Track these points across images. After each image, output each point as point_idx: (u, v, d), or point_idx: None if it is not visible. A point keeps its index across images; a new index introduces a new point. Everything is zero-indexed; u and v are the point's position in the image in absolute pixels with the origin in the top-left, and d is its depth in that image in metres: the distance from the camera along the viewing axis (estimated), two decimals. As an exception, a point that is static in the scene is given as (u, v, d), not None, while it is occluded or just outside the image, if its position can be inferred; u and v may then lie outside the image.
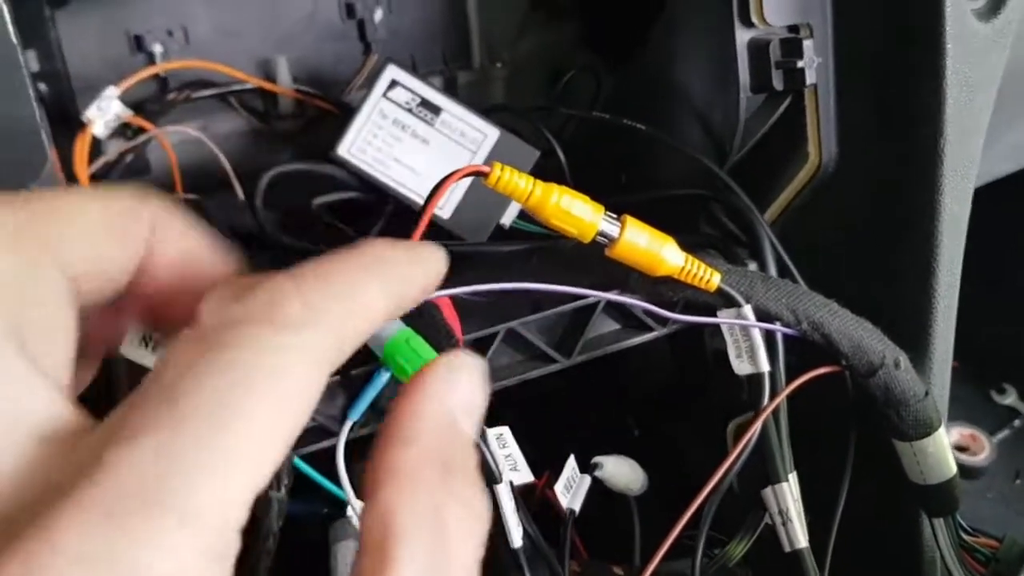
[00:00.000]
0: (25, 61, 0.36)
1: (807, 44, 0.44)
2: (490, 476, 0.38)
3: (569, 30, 0.72)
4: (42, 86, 0.56)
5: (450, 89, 0.71)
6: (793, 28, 0.46)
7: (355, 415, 0.37)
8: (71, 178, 0.54)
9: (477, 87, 0.73)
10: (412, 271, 0.28)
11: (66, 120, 0.59)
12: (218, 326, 0.22)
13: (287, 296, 0.23)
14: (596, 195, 0.48)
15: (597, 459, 0.49)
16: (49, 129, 0.36)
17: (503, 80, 0.73)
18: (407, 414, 0.25)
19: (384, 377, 0.38)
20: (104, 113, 0.55)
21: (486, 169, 0.39)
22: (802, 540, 0.43)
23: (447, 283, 0.46)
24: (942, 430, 0.43)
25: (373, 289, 0.25)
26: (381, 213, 0.58)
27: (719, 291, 0.40)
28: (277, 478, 0.35)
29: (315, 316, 0.23)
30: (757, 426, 0.41)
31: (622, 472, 0.49)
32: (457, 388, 0.26)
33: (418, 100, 0.57)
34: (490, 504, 0.38)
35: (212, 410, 0.20)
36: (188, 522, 0.19)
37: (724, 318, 0.41)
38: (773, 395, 0.42)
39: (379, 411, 0.42)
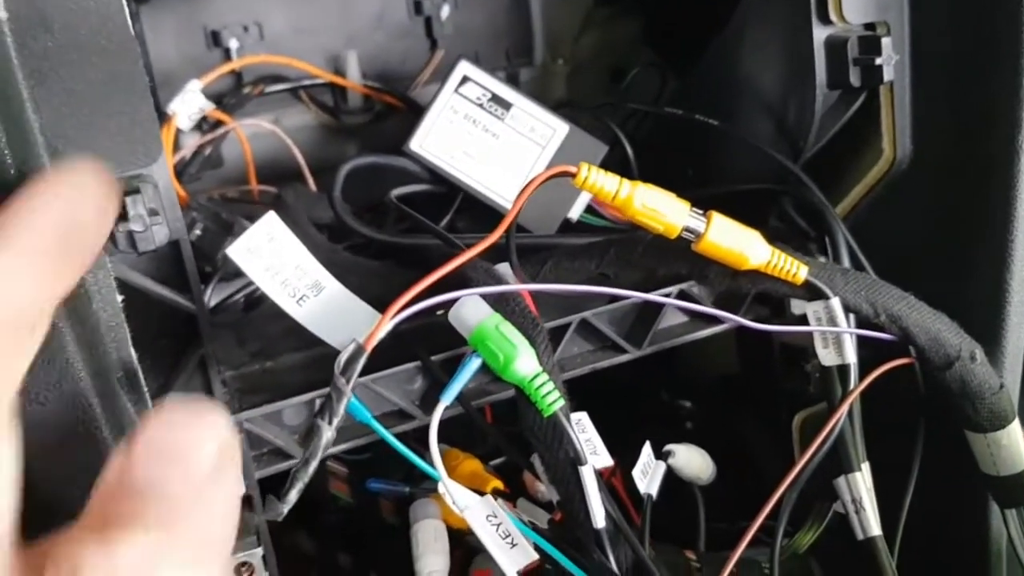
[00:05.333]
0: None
1: (885, 42, 0.45)
2: (576, 458, 0.39)
3: (630, 27, 0.73)
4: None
5: (511, 84, 0.73)
6: (869, 26, 0.47)
7: (448, 399, 0.39)
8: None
9: (539, 83, 0.74)
10: None
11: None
12: None
13: None
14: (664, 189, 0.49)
15: (669, 447, 0.50)
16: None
17: (564, 76, 0.74)
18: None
19: (475, 362, 0.39)
20: (188, 106, 0.57)
21: (573, 170, 0.40)
22: (875, 528, 0.44)
23: (533, 276, 0.48)
24: (1016, 422, 0.44)
25: None
26: (451, 205, 0.60)
27: (806, 284, 0.41)
28: (329, 412, 0.35)
29: None
30: (841, 415, 0.42)
31: (693, 461, 0.50)
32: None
33: (489, 95, 0.59)
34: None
35: None
36: None
37: (812, 310, 0.42)
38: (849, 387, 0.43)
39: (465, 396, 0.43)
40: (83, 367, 0.32)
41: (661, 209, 0.41)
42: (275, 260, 0.37)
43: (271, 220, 0.36)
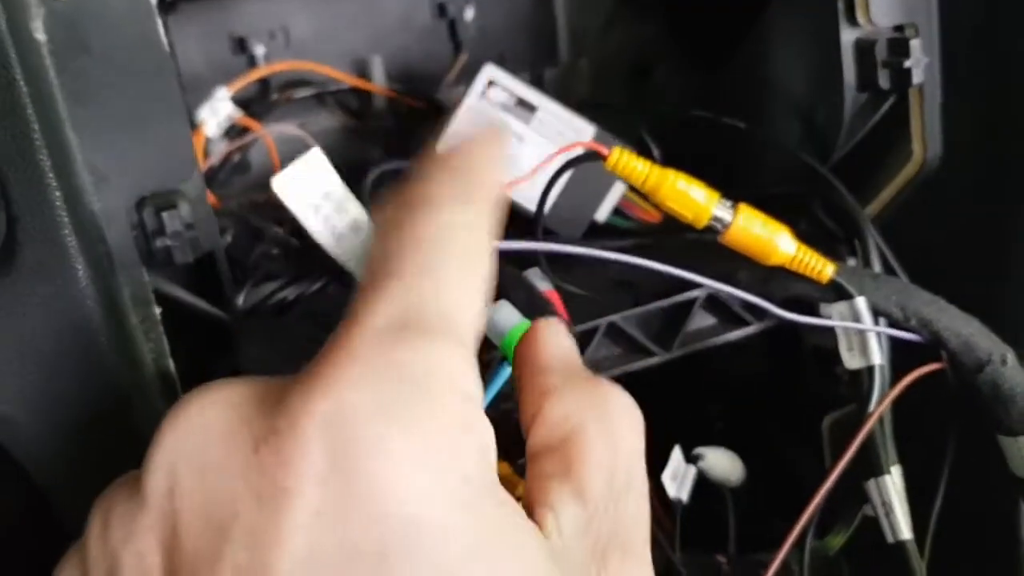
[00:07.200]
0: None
1: (914, 44, 0.45)
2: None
3: (655, 26, 0.73)
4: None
5: (536, 85, 0.73)
6: (899, 27, 0.47)
7: (483, 405, 0.39)
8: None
9: (562, 82, 0.74)
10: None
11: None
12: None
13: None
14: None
15: (699, 450, 0.50)
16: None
17: (588, 74, 0.74)
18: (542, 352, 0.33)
19: (507, 370, 0.40)
20: (216, 114, 0.57)
21: (605, 151, 0.40)
22: (906, 532, 0.44)
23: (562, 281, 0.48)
24: (1048, 425, 0.43)
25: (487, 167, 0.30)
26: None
27: (832, 283, 0.41)
28: None
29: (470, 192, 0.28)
30: (873, 420, 0.42)
31: (723, 464, 0.51)
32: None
33: (515, 99, 0.59)
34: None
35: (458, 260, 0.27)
36: (460, 343, 0.26)
37: (836, 310, 0.42)
38: (882, 390, 0.43)
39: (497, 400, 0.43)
40: (124, 377, 0.33)
41: (691, 195, 0.41)
42: (317, 196, 0.37)
43: (315, 154, 0.36)
